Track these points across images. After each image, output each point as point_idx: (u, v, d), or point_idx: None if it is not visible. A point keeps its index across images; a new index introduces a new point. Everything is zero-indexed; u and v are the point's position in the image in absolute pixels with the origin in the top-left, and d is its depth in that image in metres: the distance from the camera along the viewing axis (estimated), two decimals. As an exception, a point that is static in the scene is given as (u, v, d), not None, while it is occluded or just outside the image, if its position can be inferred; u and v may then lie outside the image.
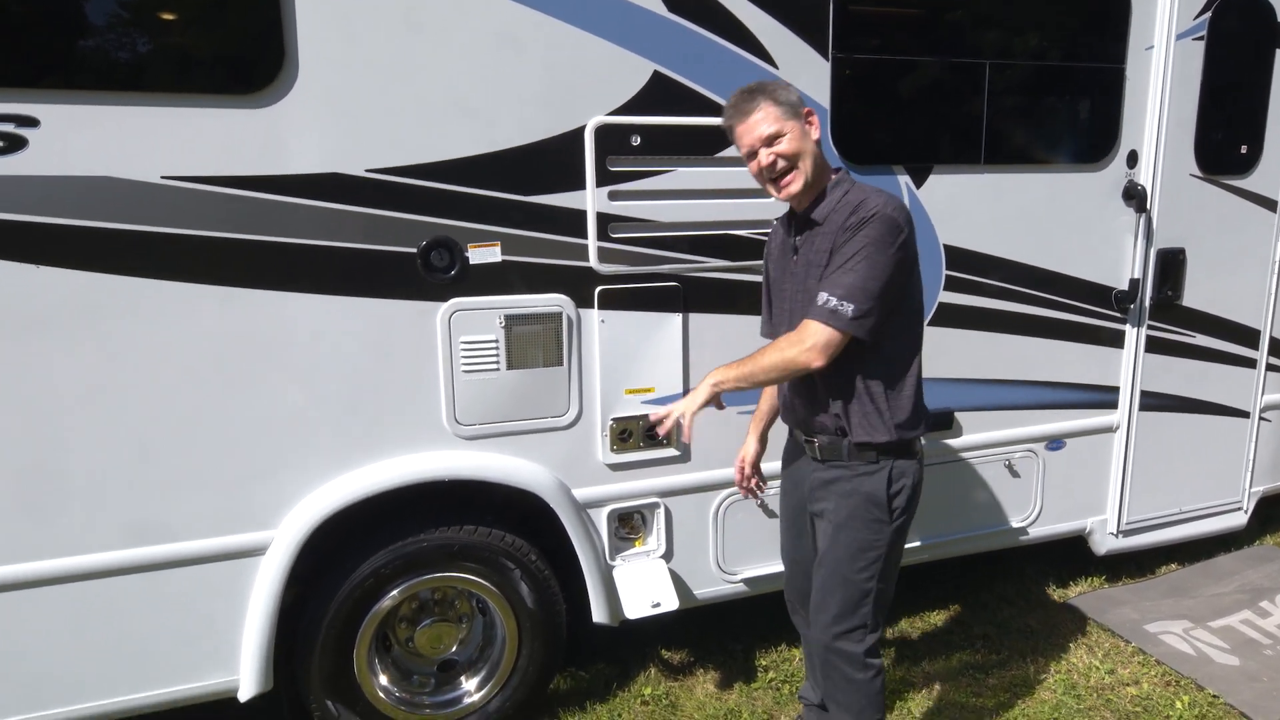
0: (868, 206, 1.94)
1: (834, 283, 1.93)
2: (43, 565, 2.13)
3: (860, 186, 2.03)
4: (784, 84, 2.05)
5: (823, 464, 2.12)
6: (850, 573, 2.07)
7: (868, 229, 1.91)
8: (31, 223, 1.98)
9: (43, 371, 2.04)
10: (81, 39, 1.99)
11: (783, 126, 1.97)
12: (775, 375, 2.00)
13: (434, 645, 2.62)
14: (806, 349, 1.93)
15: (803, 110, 2.00)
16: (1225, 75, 3.14)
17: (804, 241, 2.06)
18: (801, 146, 1.98)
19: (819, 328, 1.92)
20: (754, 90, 2.00)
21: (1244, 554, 3.83)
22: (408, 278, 2.30)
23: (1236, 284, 3.40)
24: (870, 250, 1.90)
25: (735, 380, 2.01)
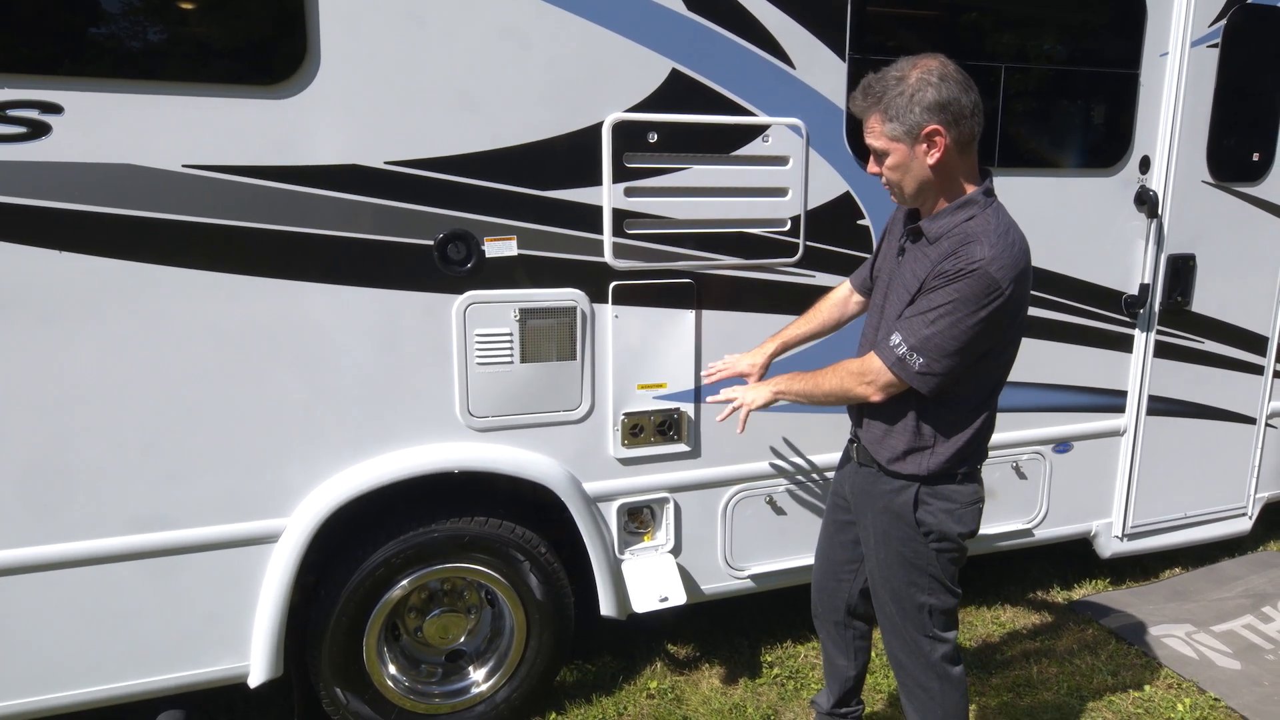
0: (973, 254, 1.73)
1: (911, 329, 1.79)
2: (59, 549, 2.14)
3: (985, 217, 1.79)
4: (927, 81, 1.72)
5: (859, 466, 2.11)
6: (900, 586, 2.03)
7: (962, 283, 1.73)
8: (54, 209, 1.99)
9: (63, 356, 2.06)
10: (106, 27, 2.00)
11: (887, 146, 1.80)
12: (833, 400, 1.98)
13: (442, 635, 2.64)
14: (866, 383, 1.89)
15: (925, 129, 1.74)
16: (1239, 82, 3.15)
17: (911, 249, 1.91)
18: (902, 173, 1.81)
19: (882, 369, 1.85)
20: (873, 89, 1.78)
21: (1248, 559, 3.85)
22: (424, 270, 2.32)
23: (1246, 291, 3.41)
24: (957, 307, 1.74)
25: (795, 395, 2.03)
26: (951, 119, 1.74)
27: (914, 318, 1.81)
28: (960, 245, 1.77)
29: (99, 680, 2.25)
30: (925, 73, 1.73)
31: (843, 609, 2.33)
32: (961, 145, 1.78)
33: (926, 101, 1.72)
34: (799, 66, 2.57)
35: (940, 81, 1.72)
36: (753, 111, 2.54)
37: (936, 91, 1.72)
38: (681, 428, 2.67)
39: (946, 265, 1.77)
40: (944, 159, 1.77)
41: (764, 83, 2.54)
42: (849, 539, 2.24)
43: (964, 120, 1.75)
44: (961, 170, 1.82)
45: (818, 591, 2.39)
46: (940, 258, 1.80)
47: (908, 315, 1.83)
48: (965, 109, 1.74)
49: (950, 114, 1.73)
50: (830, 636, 2.40)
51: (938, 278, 1.78)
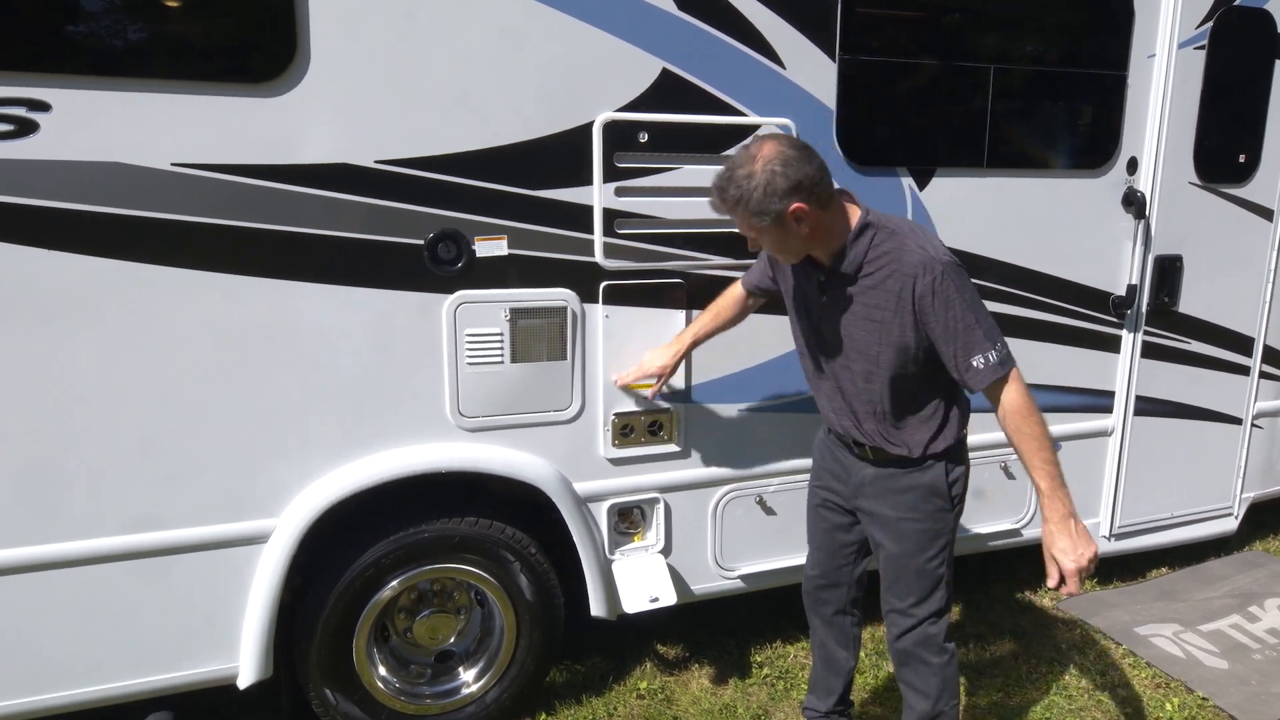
0: (920, 262, 1.88)
1: (973, 344, 1.89)
2: (46, 550, 2.13)
3: (886, 229, 1.95)
4: (772, 173, 1.82)
5: (876, 464, 2.14)
6: (922, 563, 2.11)
7: (944, 285, 1.88)
8: (41, 207, 1.98)
9: (49, 356, 2.05)
10: (94, 25, 1.99)
11: (759, 232, 1.92)
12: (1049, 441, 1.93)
13: (432, 636, 2.63)
14: (1030, 402, 1.91)
15: (789, 209, 1.83)
16: (1225, 84, 3.18)
17: (833, 290, 2.02)
18: (781, 247, 1.96)
19: (1011, 380, 1.92)
20: (728, 193, 1.87)
21: (1234, 559, 3.88)
22: (414, 269, 2.31)
23: (1232, 291, 3.44)
24: (963, 299, 1.89)
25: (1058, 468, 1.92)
26: (808, 192, 1.85)
27: (960, 338, 1.90)
28: (895, 264, 1.92)
29: (88, 681, 2.24)
30: (767, 163, 1.83)
31: (845, 599, 2.38)
32: (824, 204, 1.90)
33: (781, 189, 1.82)
34: (789, 67, 2.58)
35: (784, 167, 1.82)
36: (743, 111, 2.55)
37: (785, 178, 1.82)
38: (672, 428, 2.67)
39: (919, 287, 1.89)
40: (814, 223, 1.90)
41: (754, 83, 2.54)
42: (845, 523, 2.29)
43: (817, 187, 1.86)
44: (834, 218, 1.94)
45: (817, 584, 2.41)
46: (890, 283, 1.92)
47: (955, 344, 1.91)
48: (814, 178, 1.85)
49: (805, 189, 1.84)
50: (830, 629, 2.42)
51: (924, 301, 1.90)
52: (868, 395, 2.06)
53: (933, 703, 2.19)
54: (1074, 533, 1.89)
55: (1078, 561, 1.89)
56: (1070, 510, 1.90)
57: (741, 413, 2.75)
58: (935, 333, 1.92)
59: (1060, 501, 1.90)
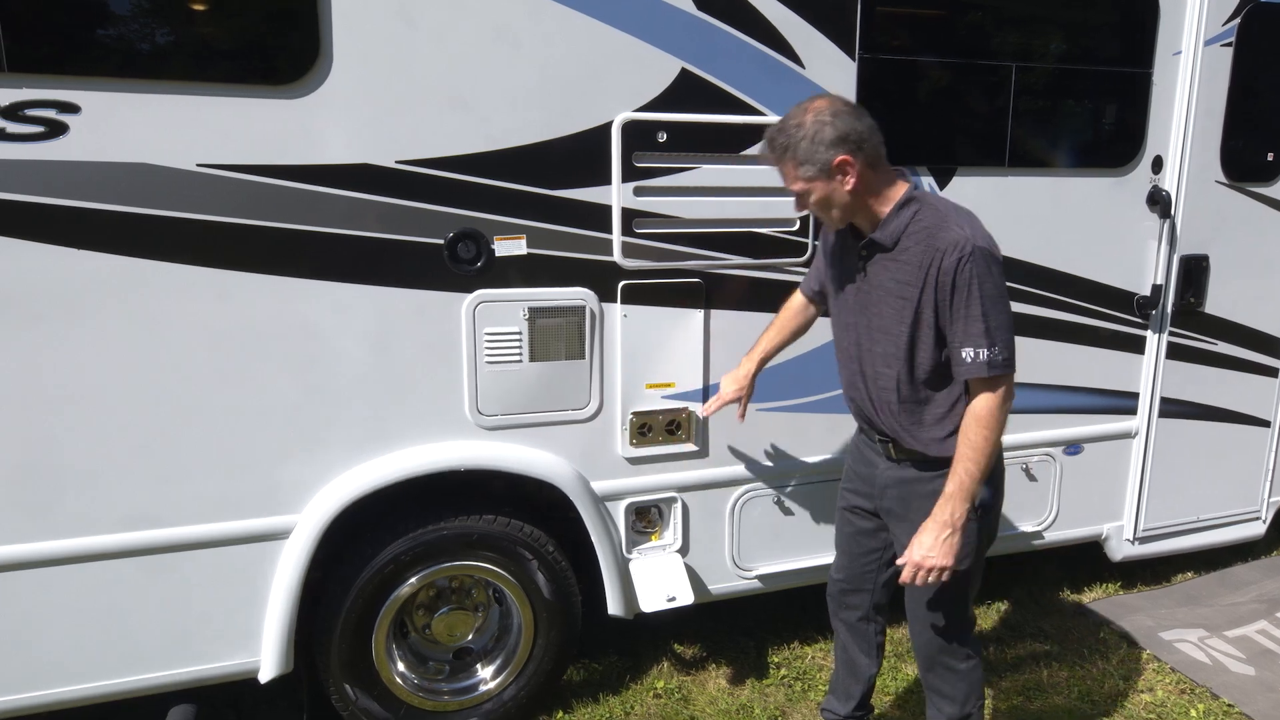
0: (952, 239, 1.86)
1: (970, 336, 1.87)
2: (72, 543, 2.17)
3: (932, 206, 1.94)
4: (821, 123, 1.85)
5: (896, 463, 2.11)
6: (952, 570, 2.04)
7: (972, 271, 1.85)
8: (71, 207, 2.02)
9: (80, 354, 2.09)
10: (122, 28, 2.03)
11: (807, 186, 1.91)
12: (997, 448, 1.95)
13: (450, 633, 2.65)
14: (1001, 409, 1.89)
15: (835, 161, 1.85)
16: (1253, 81, 3.13)
17: (873, 264, 2.00)
18: (827, 205, 1.93)
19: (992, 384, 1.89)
20: (778, 142, 1.90)
21: (1261, 564, 3.81)
22: (434, 268, 2.33)
23: (1260, 292, 3.38)
24: (985, 290, 1.86)
25: (973, 488, 1.92)
26: (855, 146, 1.86)
27: (965, 324, 1.87)
28: (930, 239, 1.89)
29: (115, 674, 2.27)
30: (818, 114, 1.87)
31: (869, 604, 2.35)
32: (872, 163, 1.91)
33: (828, 139, 1.85)
34: (809, 66, 2.57)
35: (834, 118, 1.85)
36: (762, 111, 2.55)
37: (834, 128, 1.85)
38: (689, 427, 2.67)
39: (945, 263, 1.86)
40: (859, 182, 1.89)
41: (773, 82, 2.54)
42: (871, 528, 2.27)
43: (866, 143, 1.88)
44: (881, 183, 1.94)
45: (841, 590, 2.38)
46: (920, 257, 1.90)
47: (958, 327, 1.88)
48: (863, 133, 1.87)
49: (852, 142, 1.86)
50: (854, 634, 2.39)
51: (945, 276, 1.87)
52: (887, 381, 2.02)
53: (960, 706, 2.18)
54: (940, 540, 1.90)
55: (923, 560, 1.91)
56: (953, 522, 1.90)
57: (760, 413, 2.75)
58: (946, 313, 1.90)
59: (954, 507, 1.91)
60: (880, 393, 2.06)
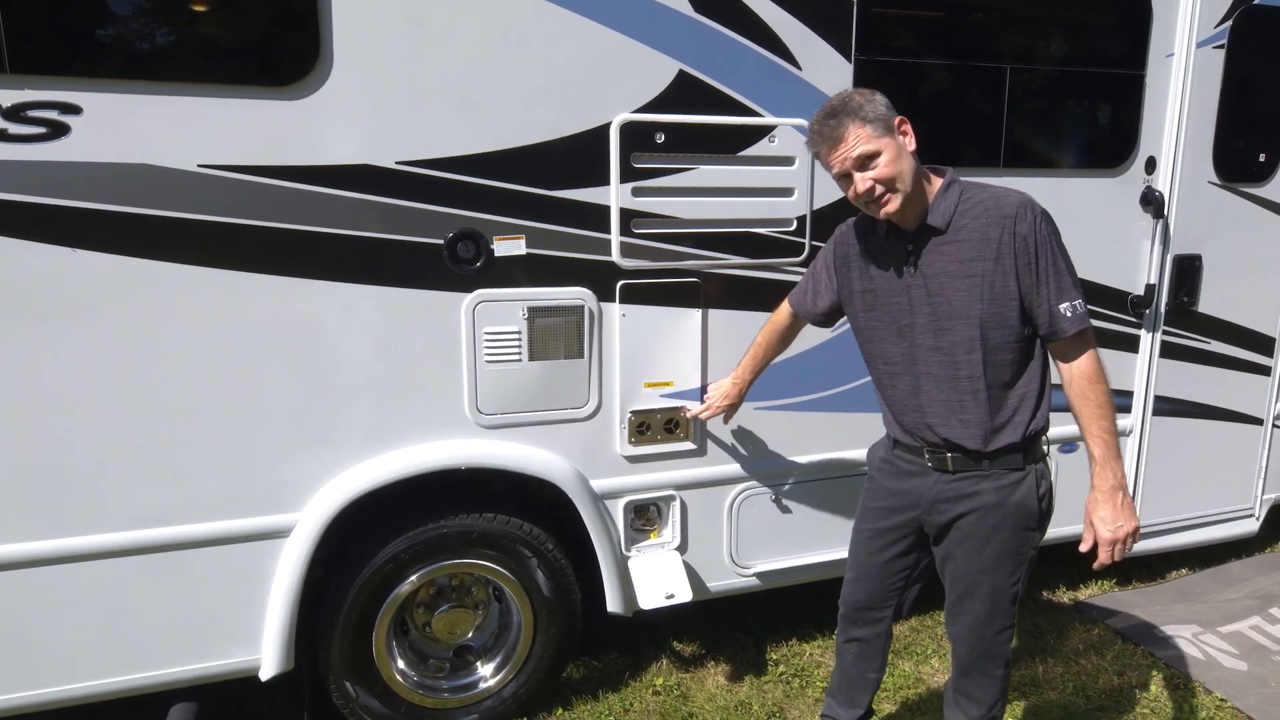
0: (1021, 203, 1.87)
1: (1062, 289, 1.87)
2: (74, 542, 2.18)
3: (975, 184, 1.94)
4: (868, 94, 1.88)
5: (953, 475, 2.01)
6: (1000, 579, 2.02)
7: (1046, 227, 1.87)
8: (72, 207, 2.03)
9: (80, 352, 2.10)
10: (124, 30, 2.04)
11: (877, 145, 1.84)
12: (1111, 411, 1.92)
13: (450, 631, 2.67)
14: (1099, 367, 1.90)
15: (894, 120, 1.86)
16: (1245, 83, 3.16)
17: (926, 254, 1.93)
18: (899, 166, 1.85)
19: (1086, 341, 1.89)
20: (836, 110, 1.86)
21: (1255, 561, 3.84)
22: (434, 268, 2.35)
23: (1252, 291, 3.41)
24: (1057, 241, 1.88)
25: (1116, 439, 1.91)
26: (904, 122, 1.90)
27: (1054, 281, 1.87)
28: (991, 209, 1.88)
29: (117, 673, 2.28)
30: (859, 92, 1.91)
31: (889, 621, 2.27)
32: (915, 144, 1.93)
33: (880, 104, 1.88)
34: (805, 68, 2.59)
35: (874, 94, 1.89)
36: (759, 112, 2.57)
37: (882, 100, 1.89)
38: (688, 426, 2.69)
39: (1021, 227, 1.85)
40: (914, 148, 1.91)
41: (770, 84, 2.56)
42: (901, 550, 2.17)
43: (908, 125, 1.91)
44: (918, 168, 1.93)
45: (861, 605, 2.27)
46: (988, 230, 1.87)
47: (1047, 287, 1.87)
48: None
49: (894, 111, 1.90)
50: (866, 648, 2.31)
51: (1025, 241, 1.85)
52: (970, 369, 1.92)
53: (987, 709, 2.14)
54: (1119, 505, 1.87)
55: (1115, 533, 1.87)
56: (1120, 482, 1.88)
57: (757, 411, 2.77)
58: (1030, 275, 1.86)
59: (1111, 471, 1.87)
60: (959, 388, 1.95)
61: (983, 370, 1.93)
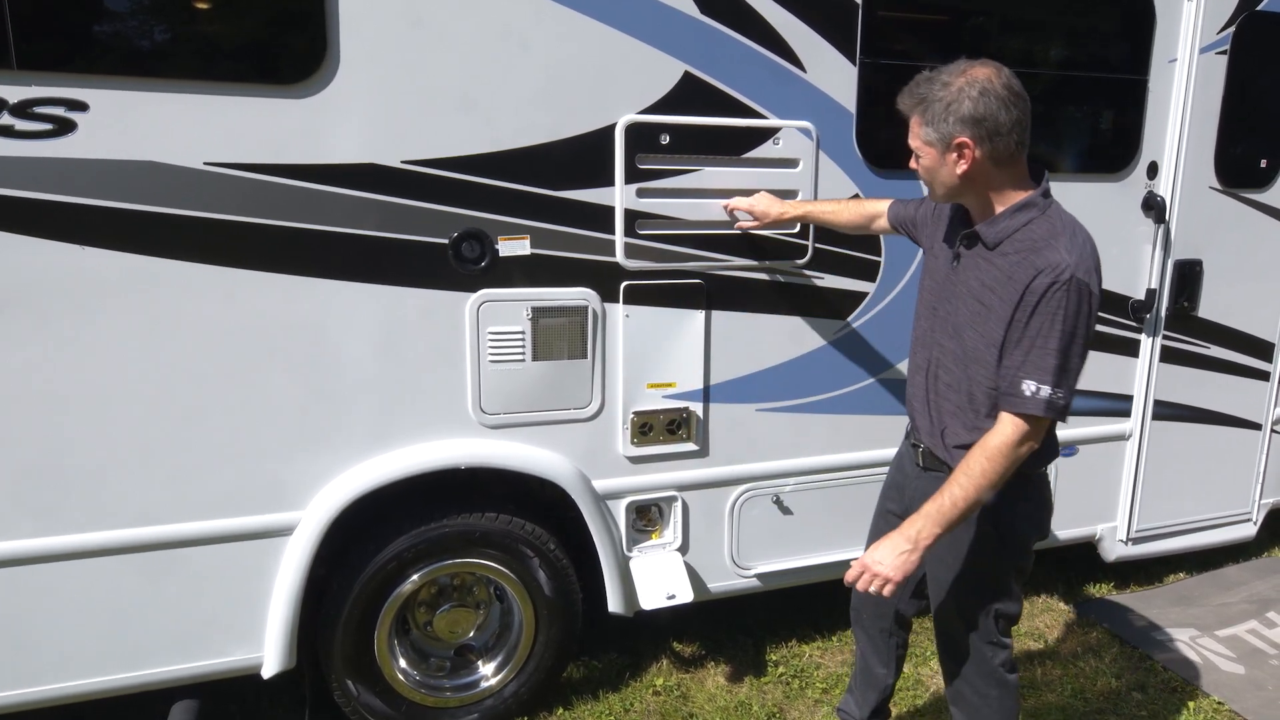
0: (1052, 261, 1.71)
1: (1039, 368, 1.72)
2: (77, 539, 2.18)
3: (1047, 219, 1.79)
4: (951, 99, 1.72)
5: (924, 470, 2.04)
6: (970, 593, 1.98)
7: (1061, 302, 1.70)
8: (79, 204, 2.03)
9: (85, 349, 2.10)
10: (131, 27, 2.04)
11: (920, 148, 1.82)
12: (1000, 485, 1.79)
13: (452, 630, 2.67)
14: (1024, 444, 1.76)
15: (953, 141, 1.74)
16: (1247, 89, 3.17)
17: (967, 256, 1.89)
18: (932, 174, 1.83)
19: (1033, 421, 1.75)
20: (918, 89, 1.79)
21: (1252, 565, 3.86)
22: (439, 268, 2.35)
23: (1253, 297, 3.42)
24: (1068, 327, 1.72)
25: (951, 524, 1.78)
26: (985, 134, 1.73)
27: (1034, 354, 1.73)
28: (1031, 252, 1.75)
29: (120, 670, 2.29)
30: (969, 83, 1.72)
31: (891, 616, 2.28)
32: (996, 159, 1.77)
33: (962, 114, 1.72)
34: (810, 70, 2.60)
35: (980, 96, 1.71)
36: (764, 114, 2.58)
37: (974, 105, 1.71)
38: (690, 427, 2.70)
39: (1035, 283, 1.72)
40: (972, 170, 1.77)
41: (775, 86, 2.57)
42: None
43: (999, 137, 1.73)
44: (1001, 179, 1.81)
45: (864, 605, 2.30)
46: (1015, 270, 1.77)
47: (1023, 353, 1.75)
48: (1002, 125, 1.72)
49: (984, 129, 1.72)
50: (873, 644, 2.34)
51: (1031, 296, 1.73)
52: (950, 378, 1.92)
53: None
54: (896, 553, 1.78)
55: (869, 565, 1.80)
56: (916, 540, 1.77)
57: (759, 413, 2.78)
58: (1014, 332, 1.76)
59: (919, 525, 1.78)
60: (941, 390, 1.96)
61: (965, 387, 1.91)
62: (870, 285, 2.82)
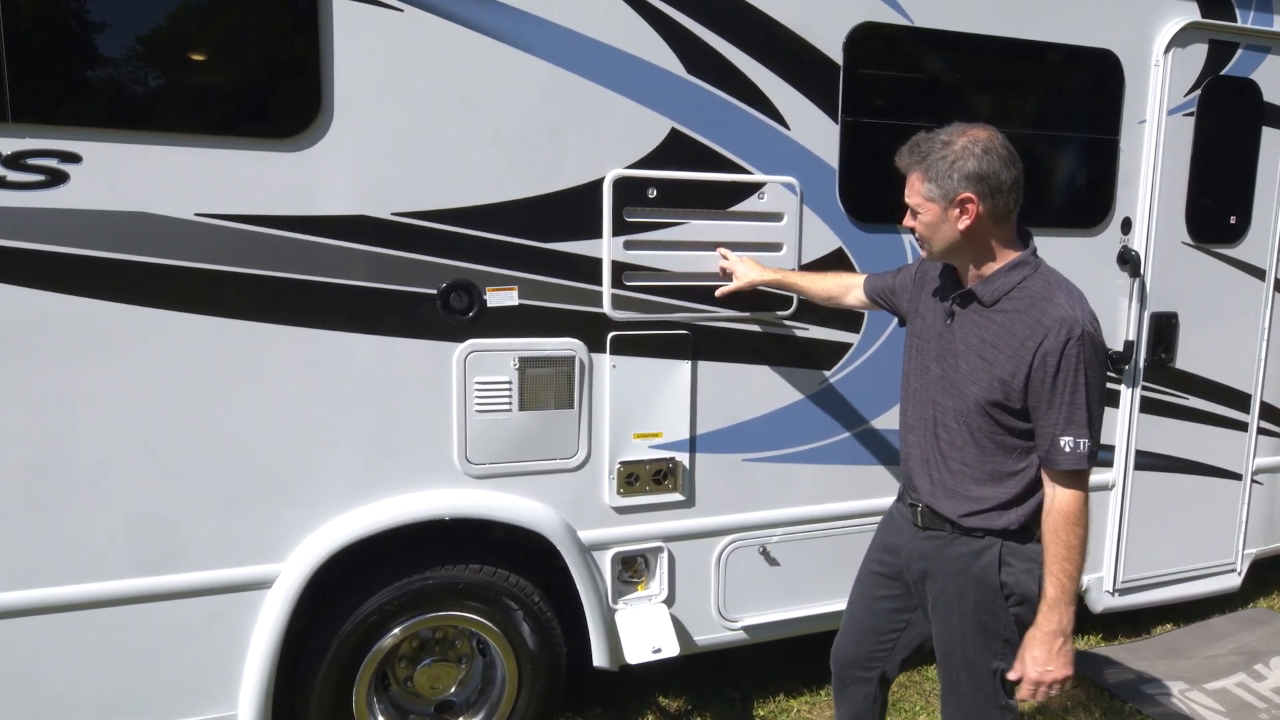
0: (1059, 315, 1.77)
1: (1074, 424, 1.77)
2: (48, 593, 2.14)
3: (1042, 275, 1.85)
4: (954, 156, 1.79)
5: (922, 530, 2.02)
6: (973, 652, 1.95)
7: (1079, 356, 1.76)
8: (71, 255, 2.04)
9: (73, 397, 2.09)
10: (125, 78, 2.07)
11: (921, 204, 1.86)
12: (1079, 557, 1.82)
13: (433, 685, 2.61)
14: (1082, 506, 1.80)
15: (956, 197, 1.79)
16: (1214, 149, 3.28)
17: (962, 314, 1.92)
18: (934, 230, 1.86)
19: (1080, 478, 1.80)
20: (919, 148, 1.84)
21: (1238, 616, 3.85)
22: (427, 318, 2.36)
23: (1228, 348, 3.49)
24: (1092, 380, 1.77)
25: (1075, 583, 1.81)
26: (988, 190, 1.79)
27: (1068, 411, 1.78)
28: (1035, 310, 1.80)
29: (85, 727, 2.22)
30: (971, 142, 1.80)
31: (877, 679, 2.22)
32: (996, 216, 1.83)
33: (966, 170, 1.78)
34: (794, 127, 2.67)
35: (983, 154, 1.78)
36: (749, 169, 2.63)
37: (978, 163, 1.78)
38: (676, 477, 2.69)
39: (1049, 342, 1.76)
40: (974, 226, 1.83)
41: (760, 142, 2.63)
42: (892, 607, 2.15)
43: (1000, 194, 1.80)
44: (996, 237, 1.86)
45: (848, 661, 2.25)
46: (1019, 327, 1.81)
47: (1057, 413, 1.78)
48: (1004, 183, 1.80)
49: (987, 186, 1.79)
50: (855, 705, 2.28)
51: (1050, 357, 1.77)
52: (953, 437, 1.93)
53: None
54: (1055, 650, 1.80)
55: (1041, 676, 1.81)
56: (1064, 629, 1.80)
57: (745, 463, 2.78)
58: (1041, 395, 1.78)
59: (1059, 615, 1.80)
60: (943, 449, 1.95)
61: (970, 443, 1.92)
62: (855, 336, 2.86)
